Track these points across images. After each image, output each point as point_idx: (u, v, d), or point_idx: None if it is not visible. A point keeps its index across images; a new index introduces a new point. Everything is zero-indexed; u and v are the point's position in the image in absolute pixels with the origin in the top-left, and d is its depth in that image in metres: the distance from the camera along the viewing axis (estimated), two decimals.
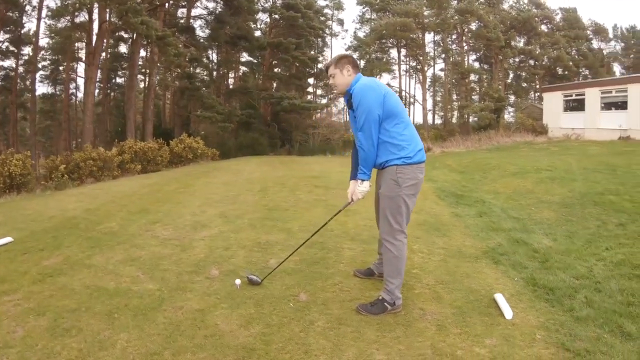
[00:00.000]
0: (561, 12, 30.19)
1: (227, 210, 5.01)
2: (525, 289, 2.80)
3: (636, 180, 5.85)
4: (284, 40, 22.53)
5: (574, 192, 6.01)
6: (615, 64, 33.21)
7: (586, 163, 8.89)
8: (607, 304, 2.41)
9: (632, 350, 1.88)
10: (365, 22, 32.02)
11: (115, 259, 3.20)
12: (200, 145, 14.23)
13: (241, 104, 23.77)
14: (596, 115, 16.52)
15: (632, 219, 4.11)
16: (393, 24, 24.02)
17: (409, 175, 2.40)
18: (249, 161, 12.86)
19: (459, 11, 24.58)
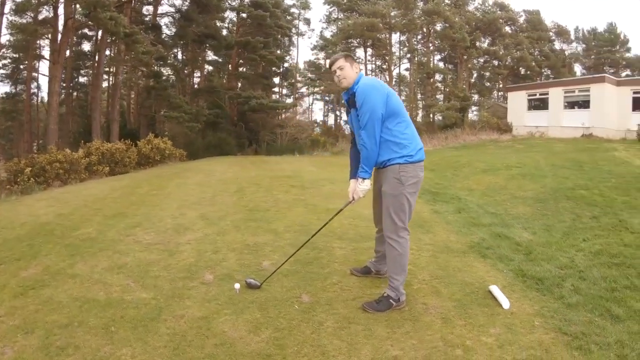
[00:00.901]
0: (525, 14, 32.08)
1: (208, 212, 4.98)
2: (515, 280, 3.02)
3: (603, 176, 6.39)
4: (252, 39, 22.51)
5: (546, 188, 6.45)
6: (576, 64, 35.79)
7: (553, 160, 9.54)
8: (593, 290, 2.67)
9: (623, 331, 2.11)
10: (332, 22, 32.55)
11: (100, 267, 3.10)
12: (168, 145, 14.08)
13: (208, 103, 23.60)
14: (559, 114, 17.74)
15: (604, 211, 4.51)
16: (361, 24, 24.56)
17: (411, 173, 2.52)
18: (218, 161, 12.71)
19: (425, 12, 25.49)
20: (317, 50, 33.38)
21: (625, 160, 8.23)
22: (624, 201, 4.76)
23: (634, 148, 10.81)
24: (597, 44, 34.09)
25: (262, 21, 23.39)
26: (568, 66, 33.36)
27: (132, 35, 16.82)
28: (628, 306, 2.35)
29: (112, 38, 18.31)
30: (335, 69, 2.62)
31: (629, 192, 5.12)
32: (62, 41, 17.29)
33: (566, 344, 2.06)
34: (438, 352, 2.03)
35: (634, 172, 6.56)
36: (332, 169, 9.77)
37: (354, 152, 2.91)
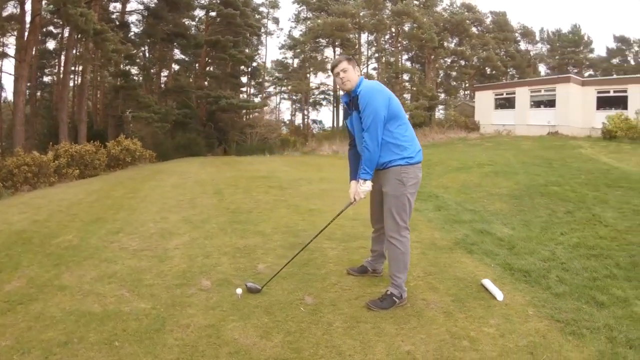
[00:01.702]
0: (491, 16, 33.82)
1: (190, 215, 4.97)
2: (504, 273, 3.26)
3: (572, 173, 6.91)
4: (222, 38, 22.42)
5: (520, 185, 6.87)
6: (541, 64, 38.03)
7: (523, 157, 10.13)
8: (576, 280, 2.94)
9: (609, 316, 2.37)
10: (301, 21, 32.85)
11: (89, 277, 3.03)
12: (138, 147, 13.87)
13: (176, 103, 23.32)
14: (526, 113, 18.79)
15: (577, 206, 4.90)
16: (330, 24, 24.93)
17: (411, 174, 2.67)
18: (190, 163, 12.53)
19: (395, 12, 26.22)
20: (285, 49, 33.63)
21: (592, 157, 8.91)
22: (595, 196, 5.19)
23: (599, 145, 11.68)
24: (561, 45, 36.25)
25: (232, 20, 23.37)
26: (533, 66, 35.40)
27: (101, 33, 16.37)
28: (610, 293, 2.62)
29: (79, 36, 17.68)
30: (338, 71, 2.71)
31: (599, 188, 5.58)
32: (29, 39, 16.67)
33: (560, 330, 2.28)
34: (447, 345, 2.19)
35: (601, 169, 7.13)
36: (307, 169, 9.89)
37: (352, 154, 3.02)
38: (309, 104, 35.80)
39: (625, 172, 6.64)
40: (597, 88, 17.67)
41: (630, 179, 5.99)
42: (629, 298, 2.51)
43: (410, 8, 25.64)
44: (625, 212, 4.43)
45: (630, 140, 12.59)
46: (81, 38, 18.53)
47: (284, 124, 34.04)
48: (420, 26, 26.25)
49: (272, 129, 23.61)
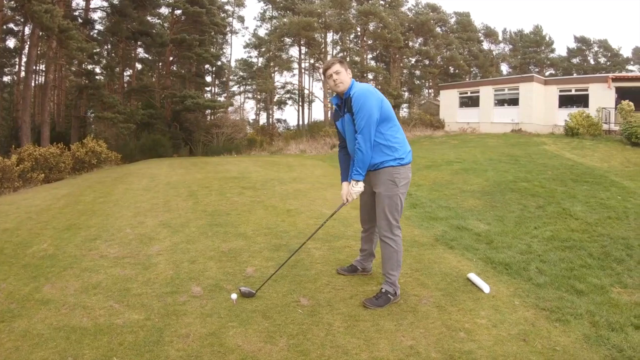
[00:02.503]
0: (456, 16, 35.20)
1: (167, 219, 4.88)
2: (486, 267, 3.47)
3: (539, 169, 7.36)
4: (188, 37, 22.01)
5: (490, 181, 7.22)
6: (503, 64, 39.91)
7: (490, 154, 10.63)
8: (555, 271, 3.19)
9: (589, 302, 2.60)
10: (267, 20, 32.79)
11: (72, 289, 2.91)
12: (103, 149, 13.46)
13: (141, 103, 22.66)
14: (490, 111, 19.69)
15: (547, 201, 5.25)
16: (297, 23, 25.01)
17: (403, 175, 2.80)
18: (158, 164, 12.19)
19: (361, 12, 26.68)
20: (250, 48, 33.45)
21: (556, 154, 9.51)
22: (563, 191, 5.59)
23: (561, 142, 12.46)
24: (523, 45, 38.11)
25: (198, 18, 23.00)
26: (495, 65, 37.12)
27: (66, 30, 15.64)
28: (588, 282, 2.87)
29: (42, 33, 16.87)
30: (331, 73, 2.77)
31: (566, 183, 6.00)
32: None
33: (546, 318, 2.48)
34: (445, 337, 2.32)
35: (566, 164, 7.64)
36: (278, 169, 9.91)
37: (342, 155, 3.10)
38: (274, 103, 35.74)
39: (590, 168, 7.17)
40: (559, 87, 18.80)
41: (595, 174, 6.48)
42: (605, 285, 2.77)
43: (376, 8, 26.19)
44: (593, 206, 4.81)
45: (591, 136, 13.51)
46: (45, 36, 17.80)
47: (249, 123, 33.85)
48: (386, 26, 26.87)
49: (238, 129, 23.37)
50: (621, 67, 35.02)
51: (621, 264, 3.17)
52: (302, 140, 22.12)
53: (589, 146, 11.27)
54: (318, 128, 26.39)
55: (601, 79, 17.83)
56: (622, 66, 35.25)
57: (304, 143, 21.05)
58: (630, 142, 11.54)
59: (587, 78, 20.22)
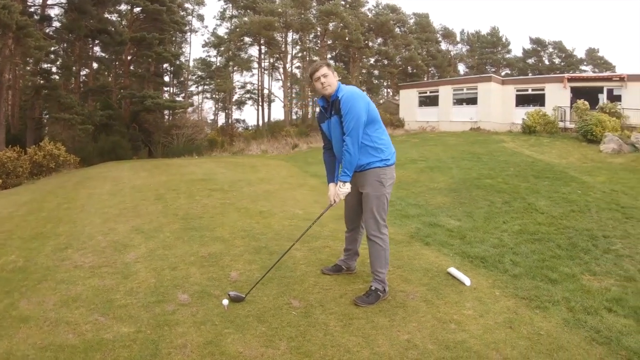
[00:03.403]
0: (415, 17, 36.25)
1: (138, 224, 4.75)
2: (463, 261, 3.67)
3: (501, 166, 7.82)
4: (148, 35, 21.29)
5: (455, 179, 7.57)
6: (460, 64, 41.53)
7: (452, 152, 11.11)
8: (528, 262, 3.44)
9: (564, 290, 2.84)
10: (227, 19, 32.30)
11: (51, 303, 2.76)
12: (62, 152, 12.91)
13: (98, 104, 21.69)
14: (449, 110, 20.56)
15: (512, 197, 5.61)
16: (258, 22, 24.87)
17: (389, 175, 2.91)
18: (118, 167, 11.69)
19: (323, 12, 26.93)
20: (209, 47, 32.79)
21: (516, 151, 10.12)
22: (527, 187, 5.99)
23: (519, 139, 13.24)
24: (480, 46, 39.81)
25: (158, 16, 22.29)
26: (453, 65, 38.68)
27: (24, 27, 14.74)
28: (560, 271, 3.13)
29: None
30: (319, 76, 2.82)
31: (528, 179, 6.43)
32: None
33: (527, 306, 2.69)
34: (438, 329, 2.45)
35: (526, 161, 8.16)
36: (242, 170, 9.87)
37: (328, 157, 3.15)
38: (233, 103, 35.28)
39: (549, 164, 7.71)
40: (517, 87, 19.96)
41: (554, 170, 6.98)
42: (576, 274, 3.03)
43: (337, 8, 26.53)
44: (556, 200, 5.20)
45: (548, 134, 14.45)
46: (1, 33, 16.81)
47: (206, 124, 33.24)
48: (346, 26, 27.29)
49: (199, 130, 22.92)
50: (575, 67, 37.23)
51: (588, 254, 3.49)
52: (263, 140, 22.06)
53: (546, 143, 12.06)
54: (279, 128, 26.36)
55: (557, 79, 19.13)
56: (576, 66, 37.52)
57: (265, 143, 21.00)
58: (586, 139, 12.48)
59: (543, 78, 21.63)
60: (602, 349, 2.12)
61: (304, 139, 21.12)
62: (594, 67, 37.66)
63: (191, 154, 18.52)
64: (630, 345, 2.10)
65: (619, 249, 3.56)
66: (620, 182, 6.50)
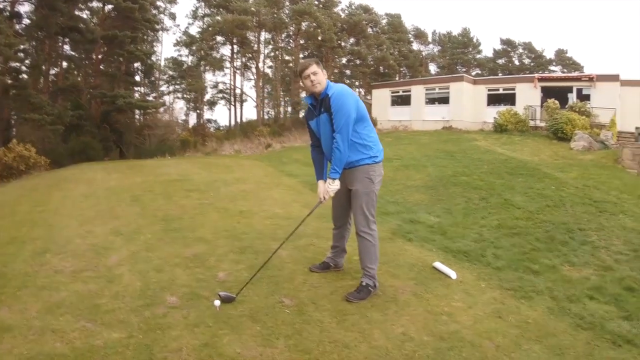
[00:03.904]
0: (387, 17, 36.63)
1: (117, 226, 4.61)
2: (447, 256, 3.77)
3: (475, 163, 8.07)
4: (120, 34, 20.59)
5: (431, 177, 7.76)
6: (432, 64, 42.31)
7: (425, 151, 11.35)
8: (509, 255, 3.58)
9: (546, 280, 2.98)
10: (199, 18, 31.75)
11: (34, 311, 2.62)
12: (32, 153, 12.51)
13: (68, 103, 20.86)
14: (421, 109, 20.99)
15: (489, 193, 5.81)
16: (231, 21, 24.61)
17: (377, 172, 2.95)
18: (91, 169, 11.27)
19: (296, 12, 26.92)
20: (180, 46, 32.10)
21: (489, 149, 10.45)
22: (502, 183, 6.21)
23: (491, 138, 13.66)
24: (451, 46, 40.46)
25: (130, 14, 21.57)
26: (424, 65, 39.44)
27: None
28: (540, 263, 3.28)
29: None
30: (309, 73, 2.80)
31: (503, 176, 6.67)
32: None
33: (512, 296, 2.80)
34: (431, 321, 2.52)
35: (499, 159, 8.45)
36: (217, 171, 9.77)
37: (316, 155, 3.15)
38: (205, 103, 34.71)
39: (522, 161, 8.02)
40: (488, 86, 20.59)
41: (527, 167, 7.27)
42: (556, 265, 3.19)
43: (311, 8, 26.59)
44: (531, 196, 5.42)
45: (519, 132, 14.96)
46: None
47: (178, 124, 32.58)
48: (320, 26, 27.38)
49: (171, 130, 22.47)
50: (544, 67, 38.44)
51: (566, 246, 3.67)
52: (236, 140, 21.90)
53: (517, 141, 12.52)
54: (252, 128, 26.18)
55: (528, 79, 19.85)
56: (545, 67, 38.73)
57: (238, 143, 20.85)
58: (557, 137, 13.03)
59: (514, 78, 22.38)
60: (587, 334, 2.25)
61: (277, 138, 21.15)
62: (562, 68, 38.92)
63: (164, 155, 18.22)
64: (613, 330, 2.24)
65: (594, 241, 3.77)
66: (592, 177, 6.86)
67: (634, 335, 2.20)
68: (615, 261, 3.31)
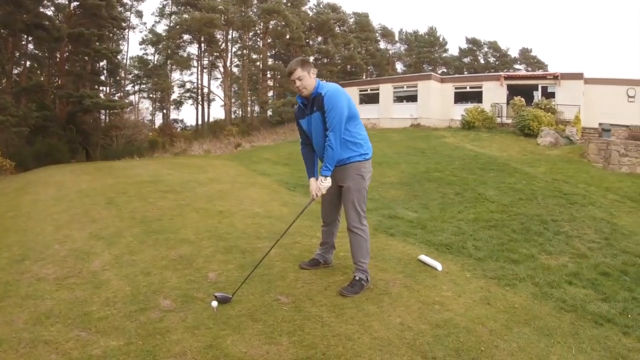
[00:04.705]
0: (355, 16, 36.89)
1: (95, 230, 4.46)
2: (430, 249, 3.92)
3: (447, 160, 8.36)
4: (86, 31, 19.69)
5: (405, 173, 7.97)
6: (399, 62, 43.02)
7: (396, 148, 11.63)
8: (489, 246, 3.76)
9: (527, 268, 3.17)
10: (166, 16, 30.83)
11: (21, 322, 2.48)
12: None
13: (33, 104, 19.80)
14: (390, 107, 21.39)
15: (463, 188, 6.04)
16: (199, 19, 24.12)
17: (368, 169, 3.03)
18: (59, 171, 10.73)
19: (265, 10, 26.71)
20: (146, 44, 31.02)
21: (458, 145, 10.83)
22: (474, 178, 6.48)
23: (459, 135, 14.11)
24: (418, 45, 41.21)
25: (97, 11, 20.69)
26: (391, 64, 40.08)
27: None
28: (519, 252, 3.47)
29: None
30: (294, 79, 2.82)
31: (474, 171, 6.95)
32: None
33: (497, 284, 2.96)
34: (425, 311, 2.62)
35: (469, 155, 8.79)
36: (189, 171, 9.64)
37: (307, 152, 3.17)
38: (171, 102, 33.80)
39: (492, 157, 8.37)
40: (455, 85, 21.21)
41: (497, 162, 7.61)
42: (534, 254, 3.39)
43: (280, 6, 26.47)
44: (504, 190, 5.69)
45: (487, 129, 15.51)
46: None
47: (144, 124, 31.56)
48: (288, 24, 27.31)
49: (139, 130, 21.75)
50: (509, 66, 39.85)
51: (541, 236, 3.91)
52: (205, 140, 21.56)
53: (485, 138, 13.00)
54: (220, 127, 25.81)
55: (494, 77, 20.55)
56: (510, 65, 40.14)
57: (207, 143, 20.57)
58: (523, 133, 13.60)
59: (481, 76, 23.08)
60: (571, 315, 2.43)
61: (246, 138, 21.04)
62: (527, 66, 40.37)
63: (132, 156, 17.73)
64: (594, 311, 2.43)
65: (567, 231, 4.04)
66: (560, 172, 7.26)
67: (613, 315, 2.41)
68: (588, 249, 3.57)
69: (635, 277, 3.01)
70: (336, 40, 32.98)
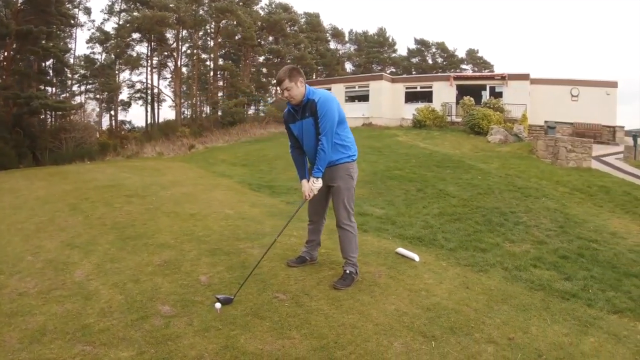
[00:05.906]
0: (306, 17, 36.93)
1: (67, 239, 4.25)
2: (403, 243, 4.19)
3: (403, 158, 8.79)
4: (35, 29, 18.06)
5: (366, 172, 8.27)
6: (348, 62, 43.39)
7: None
8: (458, 237, 4.11)
9: (496, 255, 3.54)
10: (115, 14, 28.94)
11: (15, 342, 2.34)
12: None
13: None
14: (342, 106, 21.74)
15: (424, 185, 6.44)
16: (151, 18, 23.03)
17: (355, 169, 3.23)
18: (11, 177, 9.80)
19: (218, 9, 26.07)
20: (93, 43, 28.96)
21: (412, 144, 11.36)
22: (433, 175, 6.91)
23: (411, 133, 14.71)
24: (368, 45, 41.79)
25: (46, 8, 19.12)
26: (341, 64, 40.56)
27: None
28: (486, 241, 3.85)
29: None
30: (282, 89, 2.95)
31: (431, 168, 7.40)
32: None
33: (471, 271, 3.29)
34: (415, 297, 2.86)
35: (424, 153, 9.28)
36: (148, 174, 9.35)
37: (297, 155, 3.29)
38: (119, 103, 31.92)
39: (446, 155, 8.90)
40: (406, 85, 21.90)
41: (452, 159, 8.12)
42: (499, 243, 3.78)
43: (233, 6, 25.99)
44: (462, 185, 6.14)
45: (437, 128, 16.15)
46: None
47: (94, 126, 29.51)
48: (240, 24, 26.86)
49: (89, 133, 20.39)
50: (457, 66, 41.27)
51: (502, 227, 4.33)
52: (157, 142, 20.73)
53: (437, 136, 13.64)
54: (171, 128, 24.85)
55: (444, 77, 21.43)
56: (457, 65, 41.54)
57: (159, 145, 19.80)
58: (474, 131, 14.33)
59: (431, 77, 23.91)
60: (540, 293, 2.79)
61: (198, 139, 20.51)
62: (474, 66, 42.06)
63: (82, 160, 16.73)
64: (560, 288, 2.81)
65: (526, 221, 4.50)
66: (512, 167, 7.88)
67: (576, 291, 2.81)
68: (546, 236, 4.03)
69: (591, 259, 3.49)
70: (287, 40, 32.97)
